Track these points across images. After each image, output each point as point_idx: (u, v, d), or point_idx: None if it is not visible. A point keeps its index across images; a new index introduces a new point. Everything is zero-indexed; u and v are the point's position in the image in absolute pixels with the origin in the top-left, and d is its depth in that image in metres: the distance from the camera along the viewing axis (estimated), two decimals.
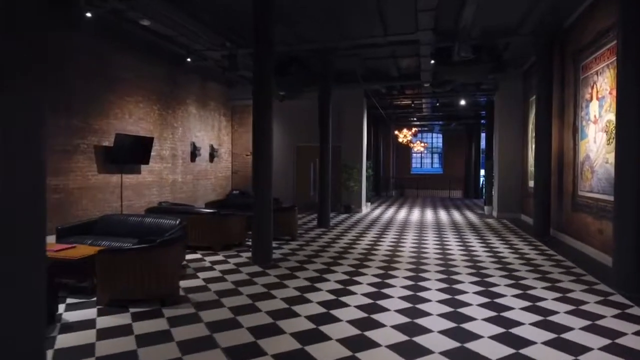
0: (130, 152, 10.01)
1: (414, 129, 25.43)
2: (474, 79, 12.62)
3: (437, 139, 30.53)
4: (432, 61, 10.64)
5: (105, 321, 4.26)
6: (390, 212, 14.70)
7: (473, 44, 9.27)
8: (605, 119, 7.04)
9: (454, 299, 5.05)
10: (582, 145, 8.09)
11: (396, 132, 23.99)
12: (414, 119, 23.09)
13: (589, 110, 7.76)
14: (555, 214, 9.52)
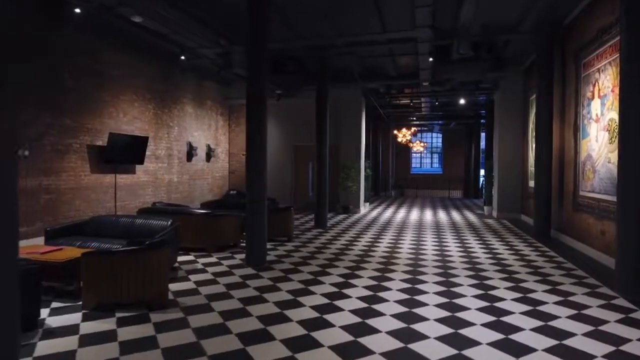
0: (125, 152, 9.85)
1: (413, 129, 25.29)
2: (473, 77, 12.46)
3: (437, 138, 30.36)
4: (431, 59, 10.49)
5: (89, 327, 4.10)
6: (389, 213, 14.54)
7: (472, 41, 9.10)
8: (608, 118, 6.88)
9: (452, 302, 4.89)
10: (584, 145, 7.93)
11: (395, 132, 23.85)
12: (414, 118, 22.94)
13: (591, 108, 7.60)
14: (555, 215, 9.35)
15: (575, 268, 6.59)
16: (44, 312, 4.40)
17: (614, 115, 6.50)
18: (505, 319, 4.36)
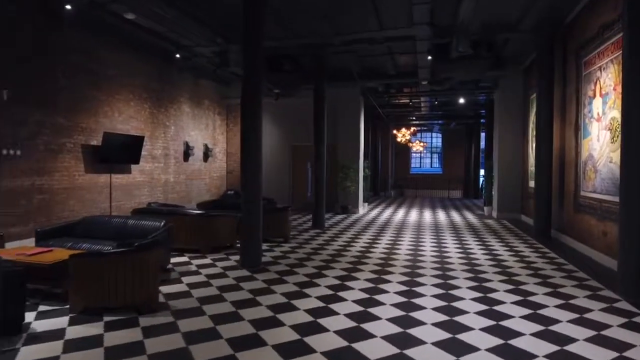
0: (120, 151, 9.72)
1: (412, 129, 25.15)
2: (472, 76, 12.34)
3: (437, 138, 30.23)
4: (430, 57, 10.36)
5: (76, 331, 3.97)
6: (388, 213, 14.41)
7: (471, 39, 8.98)
8: (609, 116, 6.75)
9: (450, 305, 4.76)
10: (585, 144, 7.80)
11: (395, 132, 23.72)
12: (413, 118, 22.81)
13: (592, 107, 7.47)
14: (556, 215, 9.22)
15: (576, 270, 6.46)
16: (30, 316, 4.27)
17: (616, 114, 6.37)
18: (504, 323, 4.24)
